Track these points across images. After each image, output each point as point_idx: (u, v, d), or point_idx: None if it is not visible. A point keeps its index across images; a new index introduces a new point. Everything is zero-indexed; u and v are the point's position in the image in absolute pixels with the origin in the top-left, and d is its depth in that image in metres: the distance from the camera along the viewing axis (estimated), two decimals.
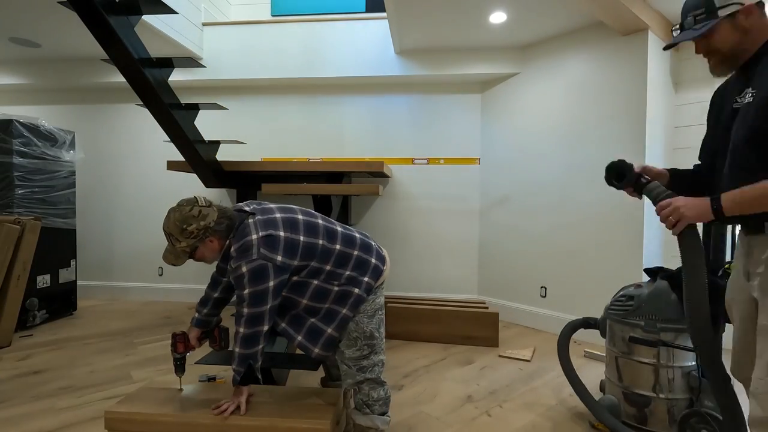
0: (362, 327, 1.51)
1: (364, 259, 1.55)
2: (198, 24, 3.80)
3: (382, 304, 1.59)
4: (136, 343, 2.89)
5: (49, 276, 3.37)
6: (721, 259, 1.72)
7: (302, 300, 1.50)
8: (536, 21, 3.03)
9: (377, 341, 1.53)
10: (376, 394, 1.52)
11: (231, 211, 1.51)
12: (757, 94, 1.09)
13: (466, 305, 3.08)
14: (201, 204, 1.46)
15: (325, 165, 3.32)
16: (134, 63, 2.51)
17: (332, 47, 3.77)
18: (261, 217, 1.46)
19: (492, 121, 3.76)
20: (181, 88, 3.96)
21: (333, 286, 1.50)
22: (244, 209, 1.52)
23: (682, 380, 1.70)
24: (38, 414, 1.91)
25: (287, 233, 1.44)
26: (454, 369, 2.52)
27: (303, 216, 1.53)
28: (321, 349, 1.50)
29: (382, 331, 1.57)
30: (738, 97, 1.17)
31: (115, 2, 2.38)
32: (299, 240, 1.45)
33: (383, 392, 1.53)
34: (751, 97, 1.10)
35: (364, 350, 1.51)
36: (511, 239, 3.58)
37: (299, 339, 1.52)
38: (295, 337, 1.53)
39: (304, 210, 1.59)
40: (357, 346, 1.51)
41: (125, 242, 4.23)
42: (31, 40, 3.52)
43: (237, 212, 1.52)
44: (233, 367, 1.45)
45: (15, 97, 4.33)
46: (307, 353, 1.52)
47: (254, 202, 1.58)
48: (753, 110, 1.08)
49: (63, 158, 3.51)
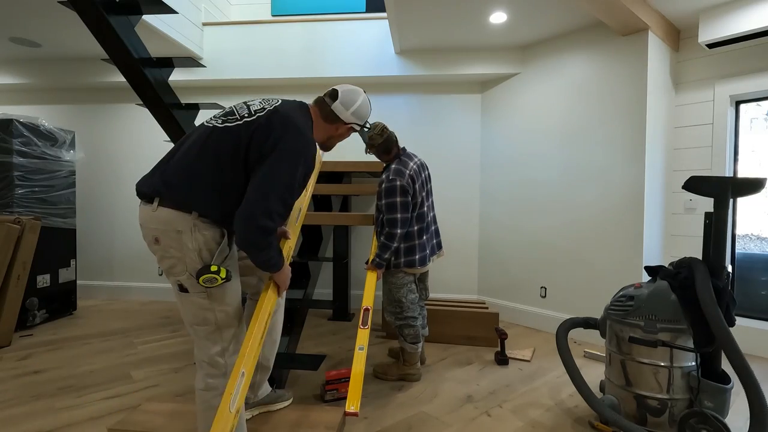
0: (393, 293, 2.31)
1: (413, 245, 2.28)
2: (198, 24, 3.79)
3: (408, 282, 2.31)
4: (136, 343, 2.89)
5: (49, 276, 3.37)
6: (722, 258, 1.72)
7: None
8: (536, 21, 3.03)
9: (404, 305, 2.30)
10: (407, 332, 2.31)
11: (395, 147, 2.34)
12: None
13: (466, 305, 3.08)
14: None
15: (325, 165, 3.32)
16: (134, 63, 2.51)
17: (332, 47, 3.77)
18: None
19: (492, 121, 3.76)
20: (181, 88, 3.96)
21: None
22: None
23: (682, 380, 1.70)
24: (38, 414, 1.91)
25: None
26: (454, 369, 2.52)
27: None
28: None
29: (410, 298, 2.31)
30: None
31: (115, 2, 2.38)
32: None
33: (412, 331, 2.31)
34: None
35: (396, 308, 2.32)
36: (511, 239, 3.58)
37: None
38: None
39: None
40: (392, 306, 2.33)
41: (125, 242, 4.23)
42: (31, 40, 3.52)
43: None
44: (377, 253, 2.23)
45: (15, 97, 4.33)
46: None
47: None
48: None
49: (63, 158, 3.51)
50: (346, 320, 3.51)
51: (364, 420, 1.90)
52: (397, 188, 2.18)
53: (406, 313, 2.31)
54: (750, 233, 2.93)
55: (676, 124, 3.10)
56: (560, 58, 3.24)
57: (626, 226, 2.86)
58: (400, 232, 2.20)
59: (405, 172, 2.23)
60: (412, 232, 2.28)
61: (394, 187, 2.18)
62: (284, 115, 1.39)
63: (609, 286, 2.93)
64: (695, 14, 2.79)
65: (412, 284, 2.34)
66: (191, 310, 1.36)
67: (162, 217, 1.30)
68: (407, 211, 2.21)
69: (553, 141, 3.27)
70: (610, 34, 2.95)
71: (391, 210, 2.18)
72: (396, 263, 2.28)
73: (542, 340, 3.07)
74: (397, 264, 2.28)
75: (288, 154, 1.31)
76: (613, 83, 2.94)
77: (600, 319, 2.00)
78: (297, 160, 1.33)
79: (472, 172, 3.89)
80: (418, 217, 2.29)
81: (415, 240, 2.28)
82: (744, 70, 2.81)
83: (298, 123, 1.39)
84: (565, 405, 2.08)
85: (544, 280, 3.34)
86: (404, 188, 2.19)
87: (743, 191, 1.73)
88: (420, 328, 2.35)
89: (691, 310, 1.67)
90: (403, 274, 2.30)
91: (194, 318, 1.36)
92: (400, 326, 2.33)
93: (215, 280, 1.29)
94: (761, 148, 2.88)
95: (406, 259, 2.27)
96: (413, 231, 2.28)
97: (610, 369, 1.90)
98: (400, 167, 2.25)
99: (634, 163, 2.83)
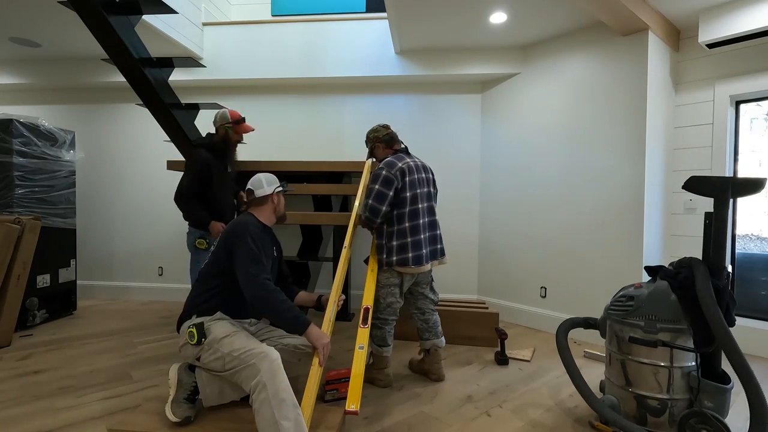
0: (375, 290, 2.24)
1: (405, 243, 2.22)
2: (198, 24, 3.80)
3: (392, 285, 2.24)
4: (136, 343, 2.89)
5: (49, 276, 3.37)
6: (722, 258, 1.72)
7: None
8: (536, 21, 3.03)
9: (380, 304, 2.26)
10: (374, 332, 2.28)
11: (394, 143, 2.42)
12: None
13: (466, 305, 3.08)
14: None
15: (325, 165, 3.32)
16: (134, 63, 2.51)
17: (332, 47, 3.77)
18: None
19: (492, 122, 3.76)
20: (181, 88, 3.96)
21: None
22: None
23: (682, 380, 1.70)
24: (38, 414, 1.91)
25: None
26: (454, 369, 2.52)
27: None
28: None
29: (388, 300, 2.25)
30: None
31: (115, 2, 2.38)
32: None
33: (379, 333, 2.27)
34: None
35: (373, 305, 2.21)
36: (511, 239, 3.58)
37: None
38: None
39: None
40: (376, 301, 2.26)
41: (125, 242, 4.23)
42: (31, 40, 3.52)
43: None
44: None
45: (15, 97, 4.33)
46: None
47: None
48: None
49: (63, 158, 3.51)
50: (346, 320, 3.51)
51: (364, 420, 1.90)
52: (380, 176, 2.20)
53: (379, 314, 2.25)
54: (750, 233, 2.93)
55: (676, 124, 3.10)
56: (560, 58, 3.24)
57: (626, 226, 2.86)
58: (367, 215, 2.20)
59: (396, 164, 2.23)
60: (404, 230, 2.22)
61: (378, 175, 2.21)
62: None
63: (609, 286, 2.93)
64: (695, 14, 2.79)
65: (396, 288, 2.25)
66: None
67: None
68: (381, 202, 2.17)
69: (553, 141, 3.27)
70: (610, 34, 2.95)
71: (367, 194, 2.23)
72: (388, 261, 2.22)
73: (542, 340, 3.07)
74: (389, 263, 2.21)
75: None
76: (613, 83, 2.94)
77: (600, 319, 1.99)
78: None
79: (472, 172, 3.89)
80: (411, 215, 2.23)
81: (407, 237, 2.21)
82: (744, 70, 2.81)
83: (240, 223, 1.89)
84: (565, 405, 2.08)
85: (544, 280, 3.34)
86: (388, 178, 2.18)
87: (743, 191, 1.73)
88: (388, 333, 2.27)
89: (691, 310, 1.66)
90: (391, 275, 2.23)
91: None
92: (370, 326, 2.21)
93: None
94: (761, 148, 2.88)
95: (398, 257, 2.20)
96: (405, 228, 2.22)
97: (610, 369, 1.90)
98: (393, 159, 2.26)
99: (634, 163, 2.83)
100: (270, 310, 1.69)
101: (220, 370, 1.63)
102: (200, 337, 1.66)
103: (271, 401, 1.44)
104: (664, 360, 1.71)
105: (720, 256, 1.72)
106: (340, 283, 2.10)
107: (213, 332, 1.67)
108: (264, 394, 1.46)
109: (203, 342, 1.66)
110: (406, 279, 2.25)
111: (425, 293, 2.38)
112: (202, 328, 1.68)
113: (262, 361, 1.51)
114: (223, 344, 1.63)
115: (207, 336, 1.67)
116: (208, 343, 1.65)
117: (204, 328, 1.69)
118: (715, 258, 1.73)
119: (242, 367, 1.55)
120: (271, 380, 1.47)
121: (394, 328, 2.33)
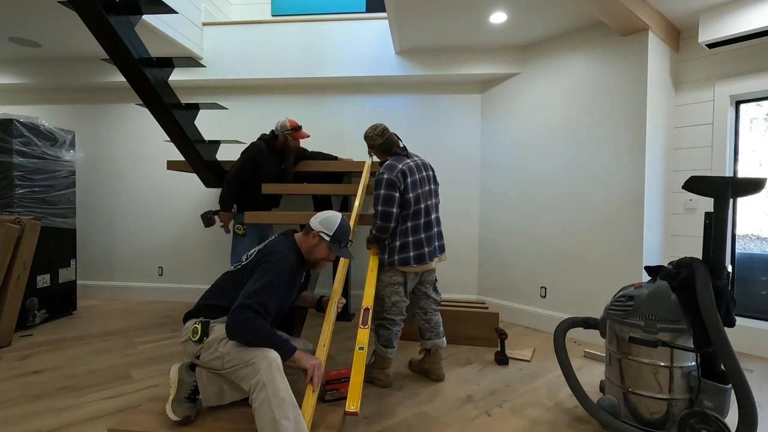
0: (379, 290, 2.26)
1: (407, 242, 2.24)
2: (198, 24, 3.80)
3: (396, 283, 2.25)
4: (136, 343, 2.89)
5: (49, 276, 3.37)
6: (722, 258, 1.72)
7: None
8: (536, 21, 3.03)
9: (385, 304, 2.26)
10: (381, 332, 2.29)
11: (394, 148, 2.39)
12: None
13: (466, 305, 3.08)
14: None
15: (325, 165, 3.32)
16: (134, 63, 2.51)
17: (332, 47, 3.77)
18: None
19: (492, 121, 3.76)
20: (181, 88, 3.96)
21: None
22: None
23: (682, 380, 1.70)
24: (38, 414, 1.91)
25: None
26: (454, 369, 2.52)
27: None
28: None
29: (393, 299, 2.25)
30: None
31: (115, 2, 2.38)
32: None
33: (387, 333, 2.26)
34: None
35: (377, 306, 2.28)
36: (511, 239, 3.58)
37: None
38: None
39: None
40: (375, 303, 2.25)
41: (125, 242, 4.23)
42: (31, 39, 3.52)
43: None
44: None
45: (15, 97, 4.33)
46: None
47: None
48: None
49: (63, 158, 3.51)
50: (346, 320, 3.51)
51: (364, 420, 1.90)
52: (382, 181, 2.20)
53: (386, 314, 2.26)
54: (750, 233, 2.93)
55: (676, 124, 3.10)
56: (560, 58, 3.24)
57: (626, 226, 2.86)
58: (380, 223, 2.20)
59: (396, 166, 2.23)
60: (405, 230, 2.23)
61: (380, 180, 2.21)
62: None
63: (609, 286, 2.93)
64: (695, 14, 2.79)
65: (400, 287, 2.26)
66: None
67: None
68: (390, 204, 2.18)
69: (553, 141, 3.27)
70: (610, 34, 2.94)
71: (375, 202, 2.22)
72: (390, 261, 2.23)
73: (542, 340, 3.07)
74: (391, 262, 2.23)
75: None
76: (613, 83, 2.94)
77: (600, 319, 1.99)
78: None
79: (472, 172, 3.89)
80: (413, 215, 2.24)
81: (409, 237, 2.23)
82: (744, 70, 2.81)
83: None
84: (564, 405, 2.08)
85: (544, 280, 3.34)
86: (391, 181, 2.19)
87: (743, 191, 1.73)
88: (395, 334, 2.26)
89: (691, 310, 1.67)
90: (394, 273, 2.24)
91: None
92: (376, 326, 2.29)
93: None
94: (761, 148, 2.88)
95: (399, 257, 2.22)
96: (406, 228, 2.23)
97: (610, 369, 1.90)
98: (393, 162, 2.26)
99: (634, 163, 2.83)
100: (246, 341, 1.58)
101: (220, 369, 1.63)
102: (203, 335, 1.67)
103: (270, 400, 1.44)
104: (664, 360, 1.71)
105: (720, 256, 1.72)
106: (339, 284, 2.09)
107: (216, 332, 1.67)
108: (263, 393, 1.46)
109: (204, 341, 1.66)
110: (410, 278, 2.27)
111: (428, 293, 2.39)
112: (207, 326, 1.69)
113: (261, 361, 1.51)
114: (223, 344, 1.63)
115: (209, 335, 1.67)
116: (209, 343, 1.65)
117: (209, 327, 1.69)
118: (715, 258, 1.73)
119: (241, 366, 1.55)
120: (271, 379, 1.47)
121: (401, 330, 2.31)
